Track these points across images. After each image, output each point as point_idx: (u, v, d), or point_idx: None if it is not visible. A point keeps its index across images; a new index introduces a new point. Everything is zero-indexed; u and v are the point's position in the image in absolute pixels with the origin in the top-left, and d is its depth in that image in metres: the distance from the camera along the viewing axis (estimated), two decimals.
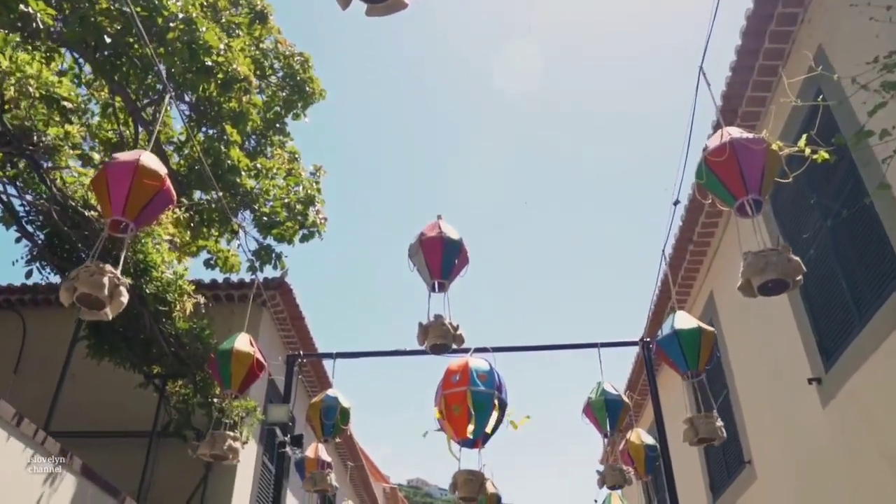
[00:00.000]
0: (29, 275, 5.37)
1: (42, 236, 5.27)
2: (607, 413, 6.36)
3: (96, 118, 7.58)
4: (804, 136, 3.75)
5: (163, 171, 3.94)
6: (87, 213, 4.75)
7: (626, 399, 6.52)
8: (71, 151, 4.66)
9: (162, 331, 6.08)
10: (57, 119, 4.54)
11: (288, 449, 6.61)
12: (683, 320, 5.25)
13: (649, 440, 7.28)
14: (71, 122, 4.73)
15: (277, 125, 9.11)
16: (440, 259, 4.89)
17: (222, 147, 7.11)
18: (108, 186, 3.85)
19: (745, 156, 3.59)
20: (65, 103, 4.62)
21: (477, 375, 6.19)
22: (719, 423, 5.00)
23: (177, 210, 8.73)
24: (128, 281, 3.60)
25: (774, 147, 3.62)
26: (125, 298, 3.63)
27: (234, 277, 9.20)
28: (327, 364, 7.14)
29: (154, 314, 5.79)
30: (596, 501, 11.06)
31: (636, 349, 9.39)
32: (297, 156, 9.20)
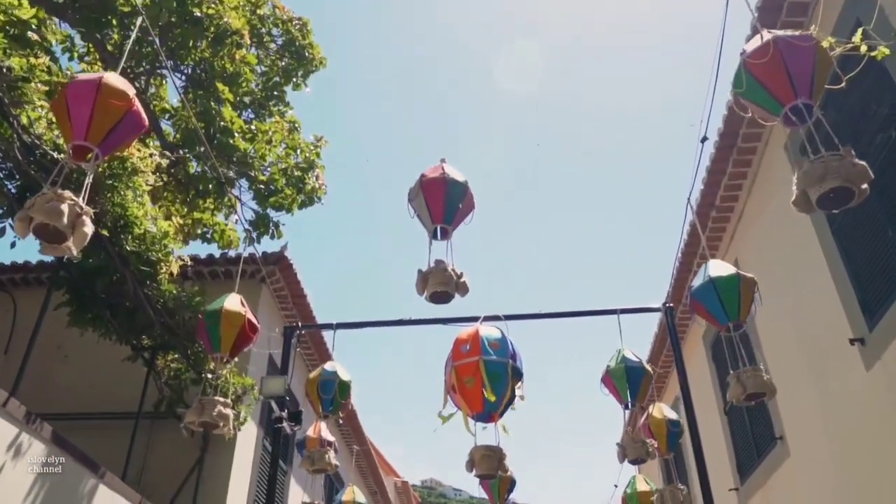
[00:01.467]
0: (2, 233, 4.95)
1: (13, 189, 4.85)
2: (628, 382, 5.87)
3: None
4: (859, 30, 3.25)
5: (130, 91, 3.50)
6: (58, 157, 4.32)
7: (648, 367, 6.03)
8: (39, 87, 4.23)
9: (147, 296, 5.65)
10: (20, 51, 4.11)
11: (285, 425, 6.15)
12: (719, 268, 4.76)
13: (672, 415, 6.79)
14: (36, 56, 4.31)
15: (276, 93, 8.69)
16: (442, 202, 4.43)
17: (212, 103, 6.69)
18: (68, 108, 3.43)
19: (791, 55, 3.09)
20: (30, 34, 4.19)
21: (489, 344, 5.75)
22: (767, 376, 4.49)
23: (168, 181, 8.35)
24: (92, 211, 3.15)
25: (825, 44, 3.13)
26: (89, 229, 3.19)
27: (232, 253, 8.82)
28: (328, 338, 6.71)
29: (137, 275, 5.36)
30: (616, 486, 10.55)
31: (658, 319, 8.91)
32: (297, 126, 8.77)
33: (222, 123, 7.11)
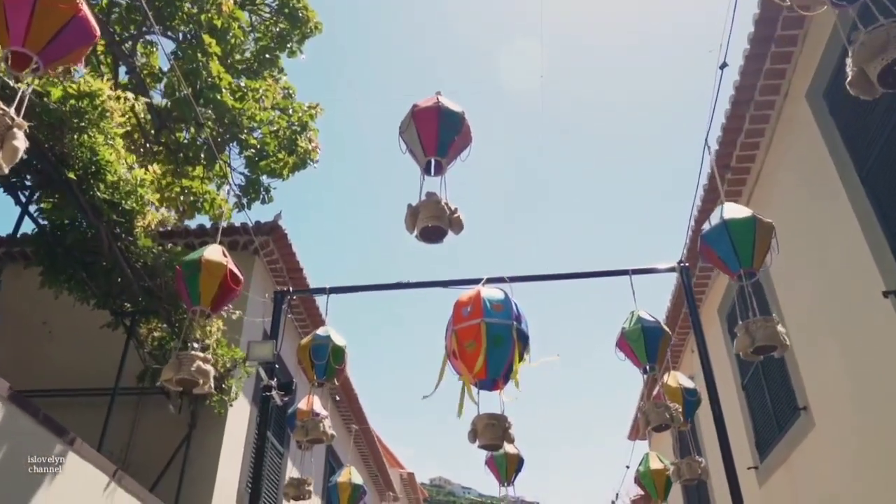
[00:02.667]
0: None
1: None
2: (645, 343, 5.44)
3: None
4: None
5: None
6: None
7: (665, 328, 5.60)
8: None
9: (123, 253, 5.25)
10: None
11: (273, 394, 5.75)
12: (734, 210, 4.33)
13: (688, 383, 6.36)
14: None
15: (268, 56, 8.32)
16: (436, 132, 4.01)
17: (199, 55, 6.30)
18: (4, 12, 3.03)
19: None
20: None
21: (491, 305, 5.35)
22: (781, 328, 4.06)
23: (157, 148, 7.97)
24: (26, 124, 2.75)
25: None
26: (21, 144, 2.79)
27: (224, 224, 8.43)
28: (322, 305, 6.31)
29: (110, 228, 4.97)
30: (628, 467, 10.12)
31: (672, 287, 8.47)
32: (291, 92, 8.39)
33: (210, 79, 6.73)
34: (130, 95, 5.10)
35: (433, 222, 3.82)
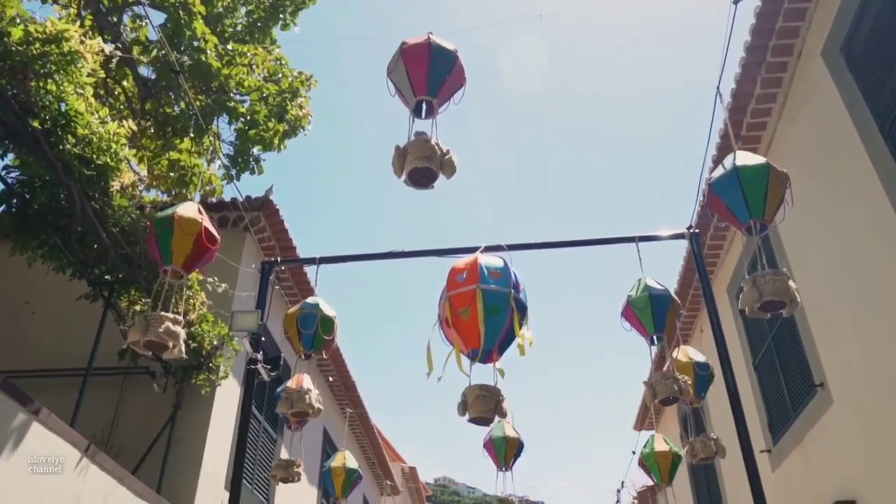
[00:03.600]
0: None
1: None
2: (653, 312, 5.11)
3: None
4: None
5: None
6: None
7: (674, 296, 5.27)
8: None
9: (98, 214, 4.94)
10: None
11: (259, 367, 5.43)
12: (746, 158, 4.01)
13: (700, 357, 6.03)
14: None
15: (259, 24, 8.00)
16: (426, 70, 3.69)
17: (181, 12, 5.98)
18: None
19: None
20: None
21: (488, 272, 5.03)
22: (793, 283, 3.73)
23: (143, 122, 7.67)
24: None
25: None
26: None
27: (213, 200, 8.12)
28: (312, 277, 5.97)
29: (82, 186, 4.65)
30: (634, 453, 9.77)
31: (681, 262, 8.13)
32: (283, 62, 8.06)
33: (195, 42, 6.42)
34: (107, 48, 4.78)
35: (422, 163, 3.50)
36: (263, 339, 5.56)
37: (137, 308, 6.00)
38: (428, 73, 3.70)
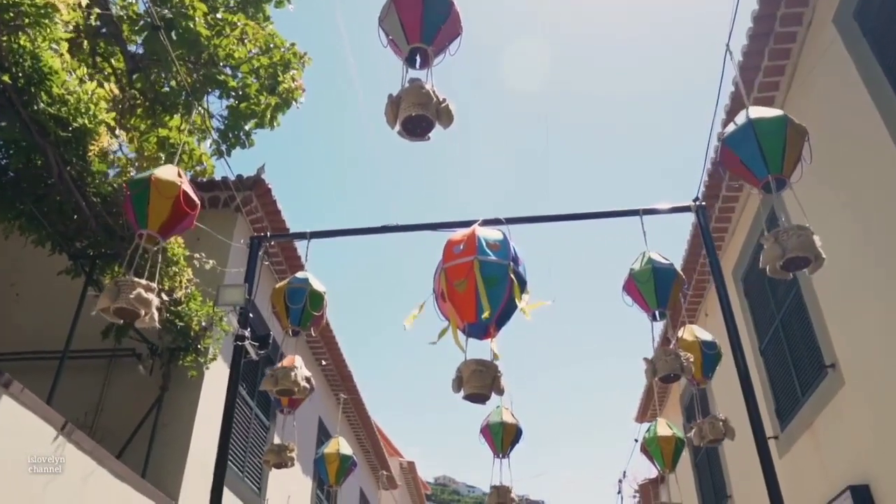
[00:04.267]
0: None
1: None
2: (656, 285, 4.87)
3: None
4: None
5: None
6: None
7: (679, 271, 5.03)
8: None
9: (77, 180, 4.71)
10: None
11: (247, 344, 5.20)
12: (761, 111, 3.77)
13: (706, 336, 5.79)
14: None
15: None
16: (420, 15, 3.45)
17: None
18: None
19: None
20: None
21: (486, 244, 4.81)
22: (818, 239, 3.48)
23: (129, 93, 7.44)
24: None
25: None
26: None
27: (203, 180, 7.88)
28: (304, 254, 5.72)
29: (58, 149, 4.42)
30: (637, 440, 9.54)
31: (686, 241, 7.89)
32: (275, 37, 7.81)
33: (182, 9, 6.18)
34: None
35: (417, 111, 3.26)
36: (252, 315, 5.33)
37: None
38: (422, 20, 3.46)
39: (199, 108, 7.12)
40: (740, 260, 8.05)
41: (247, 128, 7.12)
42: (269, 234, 6.01)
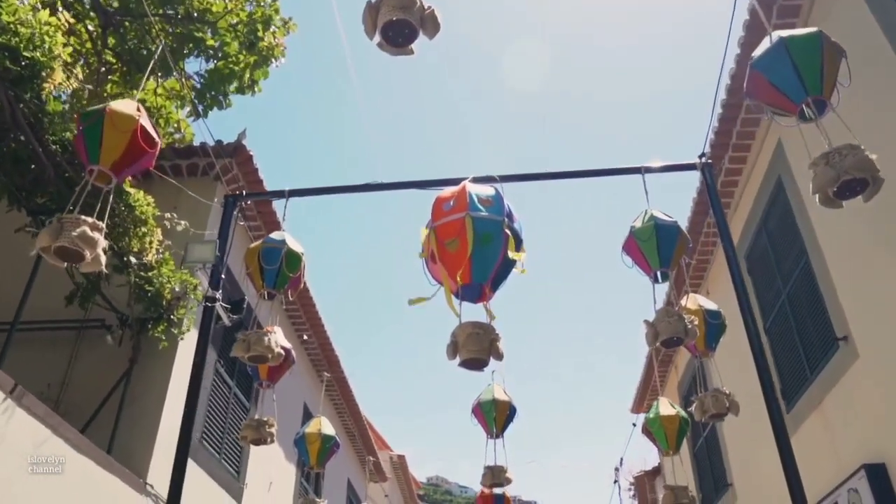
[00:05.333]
0: None
1: None
2: (658, 244, 4.51)
3: None
4: None
5: None
6: None
7: (683, 230, 4.67)
8: None
9: (33, 126, 4.32)
10: None
11: (218, 307, 4.82)
12: (790, 32, 3.40)
13: (711, 305, 5.44)
14: None
15: None
16: None
17: None
18: None
19: None
20: None
21: (478, 200, 4.46)
22: (870, 153, 3.07)
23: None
24: None
25: None
26: None
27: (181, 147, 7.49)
28: (282, 214, 5.32)
29: (9, 84, 4.03)
30: (635, 425, 9.19)
31: (690, 209, 7.53)
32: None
33: None
34: None
35: (398, 14, 2.91)
36: (224, 278, 4.94)
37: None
38: None
39: (177, 72, 6.74)
40: (743, 236, 7.71)
41: (227, 91, 6.74)
42: (244, 191, 5.61)
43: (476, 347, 4.00)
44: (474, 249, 4.24)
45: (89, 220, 3.34)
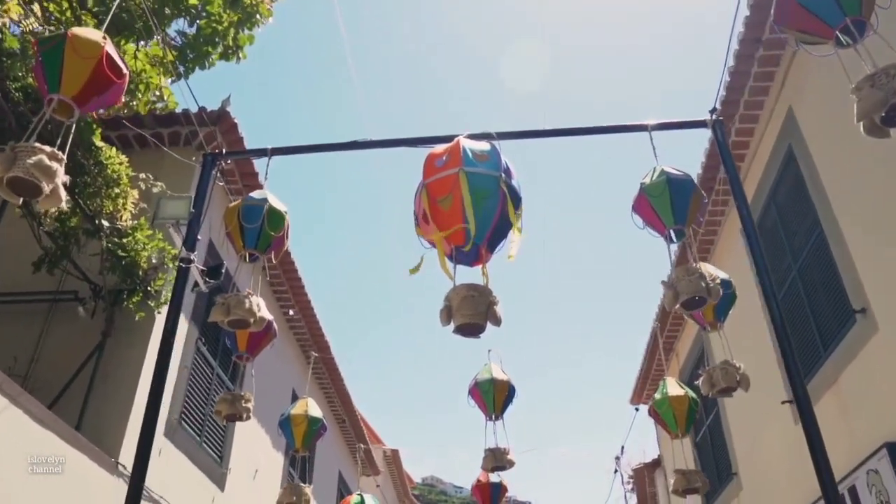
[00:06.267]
0: None
1: None
2: (671, 199, 4.17)
3: None
4: None
5: None
6: None
7: (697, 184, 4.33)
8: None
9: None
10: None
11: (194, 269, 4.47)
12: None
13: (721, 273, 5.06)
14: None
15: None
16: None
17: None
18: None
19: None
20: None
21: (473, 155, 4.13)
22: None
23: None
24: None
25: None
26: None
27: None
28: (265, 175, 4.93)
29: None
30: (637, 409, 8.87)
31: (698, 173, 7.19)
32: None
33: None
34: None
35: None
36: (200, 239, 4.58)
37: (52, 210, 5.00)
38: None
39: (159, 34, 6.37)
40: (752, 208, 7.40)
41: (211, 58, 6.37)
42: (223, 150, 5.24)
43: (471, 311, 3.68)
44: (469, 206, 3.92)
45: (47, 148, 2.98)
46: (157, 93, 7.11)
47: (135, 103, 6.89)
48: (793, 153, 6.34)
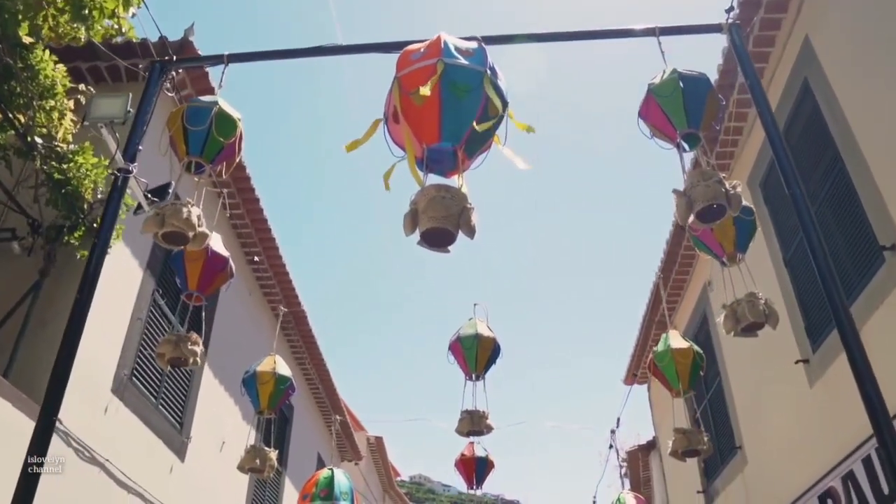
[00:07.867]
0: None
1: None
2: (685, 99, 3.60)
3: None
4: None
5: None
6: None
7: (713, 84, 3.76)
8: None
9: None
10: None
11: (133, 179, 3.85)
12: None
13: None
14: None
15: None
16: None
17: None
18: None
19: None
20: None
21: (455, 49, 3.56)
22: None
23: None
24: None
25: None
26: None
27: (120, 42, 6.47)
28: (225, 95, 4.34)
29: None
30: (636, 375, 8.29)
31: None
32: None
33: None
34: None
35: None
36: (141, 148, 3.96)
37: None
38: None
39: None
40: (758, 164, 6.85)
41: None
42: (174, 57, 4.62)
43: (441, 213, 3.09)
44: (445, 100, 3.35)
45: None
46: (116, 25, 6.47)
47: (89, 32, 6.25)
48: (808, 86, 5.79)
